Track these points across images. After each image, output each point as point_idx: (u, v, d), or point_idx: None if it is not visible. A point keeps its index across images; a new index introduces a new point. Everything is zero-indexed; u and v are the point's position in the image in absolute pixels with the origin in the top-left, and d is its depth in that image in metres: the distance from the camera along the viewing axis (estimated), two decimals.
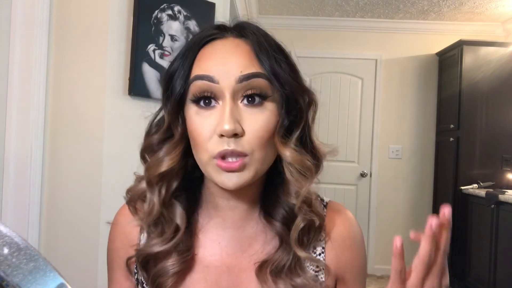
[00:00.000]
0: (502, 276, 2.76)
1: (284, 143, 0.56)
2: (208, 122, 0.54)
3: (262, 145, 0.54)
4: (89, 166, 1.51)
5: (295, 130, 0.58)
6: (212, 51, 0.56)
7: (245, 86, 0.53)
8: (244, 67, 0.54)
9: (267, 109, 0.55)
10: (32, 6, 1.41)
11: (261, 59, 0.55)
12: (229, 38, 0.57)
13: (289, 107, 0.57)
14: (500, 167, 3.25)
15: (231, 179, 0.53)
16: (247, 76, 0.53)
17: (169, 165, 0.57)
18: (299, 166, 0.56)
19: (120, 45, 1.54)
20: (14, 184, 1.42)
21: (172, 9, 1.63)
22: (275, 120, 0.55)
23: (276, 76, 0.55)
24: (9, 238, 0.32)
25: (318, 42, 3.84)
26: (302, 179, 0.57)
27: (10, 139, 1.41)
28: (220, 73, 0.53)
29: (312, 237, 0.60)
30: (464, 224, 3.24)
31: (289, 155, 0.56)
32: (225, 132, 0.51)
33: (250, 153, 0.53)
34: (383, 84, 3.80)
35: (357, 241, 0.64)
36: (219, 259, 0.60)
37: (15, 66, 1.41)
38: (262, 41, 0.56)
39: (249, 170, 0.54)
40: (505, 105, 3.25)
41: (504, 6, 3.26)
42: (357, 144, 3.83)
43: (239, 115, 0.53)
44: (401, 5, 3.40)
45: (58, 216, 1.50)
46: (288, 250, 0.57)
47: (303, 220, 0.57)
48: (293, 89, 0.57)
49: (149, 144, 0.60)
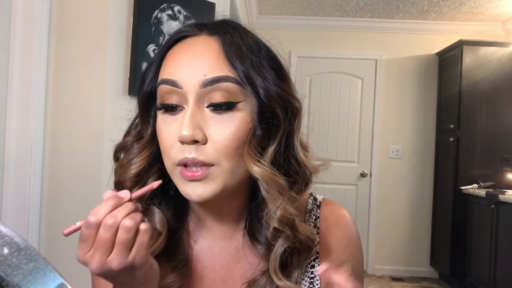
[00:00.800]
0: (502, 276, 2.76)
1: (253, 156, 0.50)
2: (172, 128, 0.50)
3: (230, 155, 0.49)
4: (89, 166, 1.51)
5: (272, 142, 0.52)
6: (179, 51, 0.52)
7: (210, 91, 0.49)
8: (209, 69, 0.49)
9: (237, 116, 0.49)
10: (32, 6, 1.41)
11: (231, 60, 0.50)
12: (201, 36, 0.53)
13: (264, 115, 0.51)
14: (500, 167, 3.25)
15: (195, 190, 0.49)
16: (212, 80, 0.49)
17: (137, 167, 0.54)
18: (270, 184, 0.50)
19: (120, 45, 1.54)
20: (14, 184, 1.42)
21: (172, 9, 1.63)
22: (246, 128, 0.50)
23: (249, 80, 0.50)
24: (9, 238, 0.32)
25: (318, 42, 3.84)
26: (278, 197, 0.51)
27: (10, 139, 1.41)
28: (184, 77, 0.49)
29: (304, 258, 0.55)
30: (464, 224, 3.24)
31: (257, 171, 0.50)
32: (182, 138, 0.48)
33: (216, 163, 0.49)
34: (383, 84, 3.80)
35: (353, 240, 0.61)
36: (212, 271, 0.58)
37: (15, 66, 1.41)
38: (237, 40, 0.51)
39: (215, 182, 0.49)
40: (505, 105, 3.25)
41: (504, 6, 3.26)
42: (357, 144, 3.83)
43: (203, 121, 0.49)
44: (401, 5, 3.40)
45: (58, 216, 1.50)
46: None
47: (282, 245, 0.52)
48: (271, 96, 0.50)
49: (123, 143, 0.57)
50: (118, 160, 0.58)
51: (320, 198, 0.64)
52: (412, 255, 3.77)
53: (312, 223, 0.61)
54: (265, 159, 0.51)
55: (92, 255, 0.43)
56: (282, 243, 0.52)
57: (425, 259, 3.75)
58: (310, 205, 0.62)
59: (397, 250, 3.79)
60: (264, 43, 0.55)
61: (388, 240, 3.79)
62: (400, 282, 3.60)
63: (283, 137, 0.52)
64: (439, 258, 3.58)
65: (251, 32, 0.55)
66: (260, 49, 0.53)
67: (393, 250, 3.79)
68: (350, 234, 0.61)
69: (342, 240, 0.60)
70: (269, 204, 0.51)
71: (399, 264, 3.78)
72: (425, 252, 3.75)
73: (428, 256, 3.74)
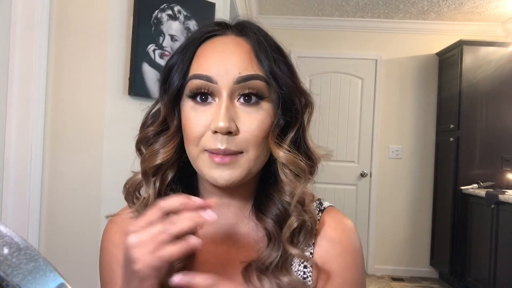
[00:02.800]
0: (502, 276, 2.76)
1: (278, 143, 0.56)
2: (203, 117, 0.54)
3: (257, 144, 0.54)
4: (89, 166, 1.51)
5: (290, 131, 0.58)
6: (212, 48, 0.56)
7: (242, 87, 0.54)
8: (243, 68, 0.54)
9: (263, 109, 0.55)
10: (32, 6, 1.41)
11: (260, 60, 0.55)
12: (229, 36, 0.57)
13: (285, 108, 0.57)
14: (500, 167, 3.25)
15: (222, 175, 0.53)
16: (245, 78, 0.53)
17: (164, 157, 0.57)
18: (293, 167, 0.56)
19: (120, 45, 1.54)
20: (14, 184, 1.42)
21: (172, 9, 1.63)
22: (270, 120, 0.56)
23: (274, 77, 0.55)
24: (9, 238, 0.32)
25: (318, 42, 3.84)
26: (296, 179, 0.57)
27: (10, 139, 1.41)
28: (218, 73, 0.53)
29: (303, 240, 0.58)
30: (464, 224, 3.24)
31: (283, 156, 0.56)
32: (219, 129, 0.51)
33: (245, 151, 0.54)
34: (383, 84, 3.80)
35: (349, 249, 0.60)
36: (214, 256, 0.60)
37: (15, 66, 1.41)
38: (262, 41, 0.56)
39: (241, 168, 0.54)
40: (505, 105, 3.25)
41: (504, 6, 3.26)
42: (357, 144, 3.83)
43: (234, 113, 0.54)
44: (401, 5, 3.40)
45: (58, 216, 1.50)
46: (276, 248, 0.56)
47: (297, 219, 0.56)
48: (290, 91, 0.57)
49: (145, 135, 0.60)
50: (140, 151, 0.61)
51: (326, 205, 0.64)
52: (412, 255, 3.77)
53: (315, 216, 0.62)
54: (287, 145, 0.57)
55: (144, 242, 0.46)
56: (297, 217, 0.56)
57: (425, 259, 3.75)
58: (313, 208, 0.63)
59: (397, 250, 3.79)
60: (277, 42, 0.60)
61: (388, 240, 3.79)
62: (400, 282, 3.61)
63: (300, 127, 0.59)
64: (439, 258, 3.58)
65: (267, 32, 0.60)
66: (278, 48, 0.58)
67: (393, 250, 3.79)
68: (346, 241, 0.60)
69: (335, 245, 0.59)
70: (287, 186, 0.57)
71: (399, 264, 3.78)
72: (425, 252, 3.75)
73: (428, 256, 3.74)
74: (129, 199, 0.62)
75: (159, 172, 0.58)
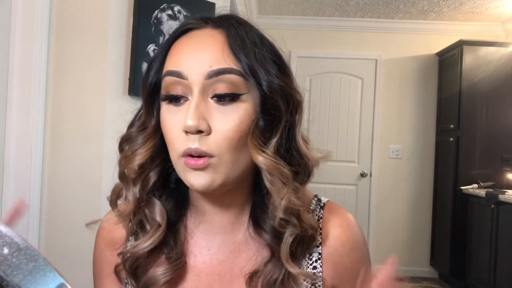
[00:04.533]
0: (502, 276, 2.76)
1: (257, 146, 0.51)
2: (176, 119, 0.51)
3: (232, 146, 0.50)
4: (89, 166, 1.51)
5: (274, 134, 0.52)
6: (185, 43, 0.52)
7: (214, 82, 0.49)
8: (214, 61, 0.49)
9: (240, 108, 0.50)
10: (32, 6, 1.41)
11: (235, 52, 0.50)
12: (205, 29, 0.53)
13: (267, 107, 0.52)
14: (500, 167, 3.25)
15: (197, 179, 0.50)
16: (217, 72, 0.49)
17: (142, 158, 0.54)
18: (275, 174, 0.51)
19: (120, 45, 1.54)
20: (14, 184, 1.42)
21: (172, 9, 1.63)
22: (249, 120, 0.51)
23: (252, 72, 0.50)
24: (9, 238, 0.32)
25: (318, 42, 3.84)
26: (282, 188, 0.51)
27: (10, 139, 1.41)
28: (189, 68, 0.50)
29: (306, 247, 0.56)
30: (464, 224, 3.24)
31: (262, 161, 0.50)
32: (187, 128, 0.48)
33: (217, 155, 0.49)
34: (383, 84, 3.80)
35: (358, 245, 0.59)
36: (210, 266, 0.57)
37: (15, 66, 1.41)
38: (241, 34, 0.52)
39: (217, 173, 0.50)
40: (505, 105, 3.25)
41: (504, 6, 3.26)
42: (357, 144, 3.83)
43: (207, 112, 0.50)
44: (401, 5, 3.39)
45: (58, 216, 1.50)
46: (280, 264, 0.53)
47: (291, 234, 0.53)
48: (273, 88, 0.51)
49: (128, 135, 0.57)
50: (123, 151, 0.58)
51: (324, 200, 0.62)
52: (412, 255, 3.77)
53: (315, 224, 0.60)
54: (269, 149, 0.51)
55: None
56: (291, 231, 0.53)
57: (425, 259, 3.75)
58: (313, 206, 0.61)
59: (397, 250, 3.79)
60: (267, 38, 0.55)
61: (388, 240, 3.79)
62: (400, 282, 3.60)
63: (285, 129, 0.53)
64: (439, 258, 3.58)
65: (255, 27, 0.56)
66: (263, 43, 0.54)
67: (393, 250, 3.79)
68: (354, 237, 0.59)
69: (345, 243, 0.58)
70: (274, 195, 0.52)
71: (399, 264, 3.74)
72: (425, 252, 3.75)
73: (428, 256, 3.74)
74: (113, 206, 0.60)
75: (139, 175, 0.55)
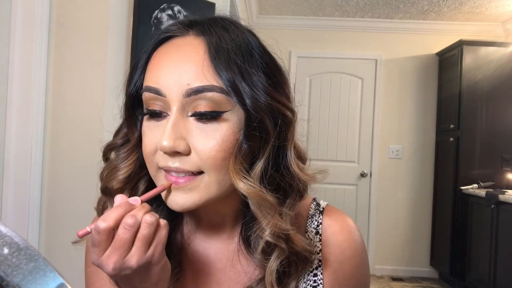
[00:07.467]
0: (502, 276, 2.76)
1: (238, 171, 0.46)
2: (154, 134, 0.48)
3: (216, 166, 0.46)
4: (89, 166, 1.51)
5: (260, 156, 0.48)
6: (164, 55, 0.49)
7: (194, 100, 0.46)
8: (193, 78, 0.46)
9: (223, 126, 0.46)
10: (32, 6, 1.41)
11: (216, 68, 0.46)
12: (188, 37, 0.49)
13: (251, 127, 0.47)
14: (500, 167, 3.25)
15: (176, 200, 0.47)
16: (196, 90, 0.45)
17: (124, 172, 0.52)
18: (259, 201, 0.47)
19: (120, 45, 1.54)
20: (14, 184, 1.42)
21: (172, 9, 1.63)
22: (232, 139, 0.47)
23: (234, 89, 0.46)
24: (9, 238, 0.32)
25: (318, 42, 3.84)
26: (267, 214, 0.47)
27: (10, 139, 1.41)
28: (167, 85, 0.46)
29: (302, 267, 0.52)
30: (464, 224, 3.24)
31: (243, 187, 0.46)
32: (162, 149, 0.46)
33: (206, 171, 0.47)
34: (383, 84, 3.80)
35: (358, 252, 0.58)
36: (208, 275, 0.56)
37: (15, 66, 1.41)
38: (224, 45, 0.47)
39: (198, 193, 0.47)
40: (505, 105, 3.25)
41: (504, 6, 3.26)
42: (357, 144, 3.83)
43: (186, 130, 0.46)
44: (401, 5, 3.40)
45: (58, 216, 1.50)
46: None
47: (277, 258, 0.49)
48: (259, 107, 0.46)
49: (112, 144, 0.55)
50: (108, 160, 0.56)
51: (323, 204, 0.61)
52: (412, 255, 3.77)
53: (314, 230, 0.58)
54: (253, 175, 0.47)
55: (109, 257, 0.42)
56: (277, 256, 0.49)
57: (425, 259, 3.75)
58: (312, 211, 0.59)
59: (397, 250, 3.79)
60: (258, 45, 0.50)
61: (388, 240, 3.79)
62: (400, 282, 3.61)
63: (272, 150, 0.48)
64: (439, 258, 3.58)
65: (245, 32, 0.51)
66: (251, 52, 0.48)
67: (393, 250, 3.79)
68: (355, 245, 0.58)
69: (346, 249, 0.57)
70: (260, 220, 0.48)
71: (399, 264, 3.78)
72: (425, 252, 3.75)
73: (428, 256, 3.74)
74: None
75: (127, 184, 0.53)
